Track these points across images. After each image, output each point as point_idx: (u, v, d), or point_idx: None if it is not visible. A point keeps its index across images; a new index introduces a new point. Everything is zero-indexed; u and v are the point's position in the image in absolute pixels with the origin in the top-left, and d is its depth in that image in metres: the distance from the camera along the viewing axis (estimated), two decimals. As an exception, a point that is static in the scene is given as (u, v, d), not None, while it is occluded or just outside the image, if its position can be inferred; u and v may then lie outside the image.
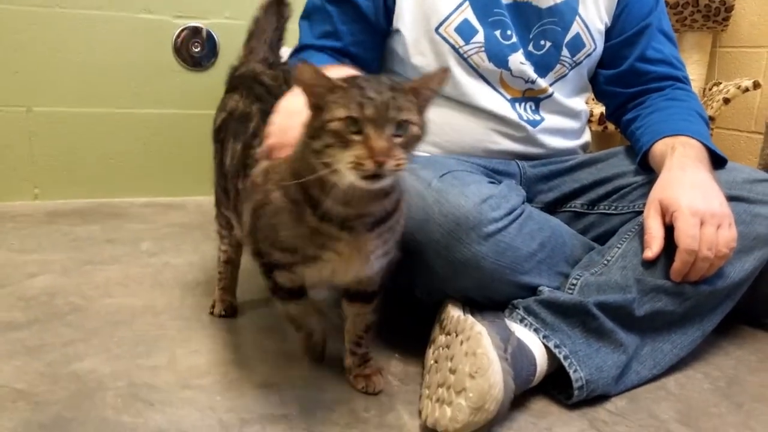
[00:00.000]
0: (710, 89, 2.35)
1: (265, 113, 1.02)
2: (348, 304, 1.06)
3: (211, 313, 1.33)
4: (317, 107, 0.80)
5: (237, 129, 1.11)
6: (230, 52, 2.41)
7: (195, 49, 2.38)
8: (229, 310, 1.33)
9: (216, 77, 0.97)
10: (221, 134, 1.18)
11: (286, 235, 0.89)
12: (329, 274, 0.94)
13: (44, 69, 2.23)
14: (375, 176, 0.75)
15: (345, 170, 0.76)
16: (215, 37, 2.41)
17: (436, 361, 0.99)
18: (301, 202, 0.85)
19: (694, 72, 2.42)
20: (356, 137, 0.76)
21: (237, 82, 1.23)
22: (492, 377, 0.84)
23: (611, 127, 2.17)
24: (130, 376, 1.08)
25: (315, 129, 0.79)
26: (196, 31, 2.38)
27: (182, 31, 2.36)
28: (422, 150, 1.33)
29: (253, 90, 1.16)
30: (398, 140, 0.77)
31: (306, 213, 0.86)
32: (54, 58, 2.23)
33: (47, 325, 1.27)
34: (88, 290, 1.46)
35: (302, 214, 0.86)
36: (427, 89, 0.84)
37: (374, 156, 0.74)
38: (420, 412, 0.95)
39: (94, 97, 2.31)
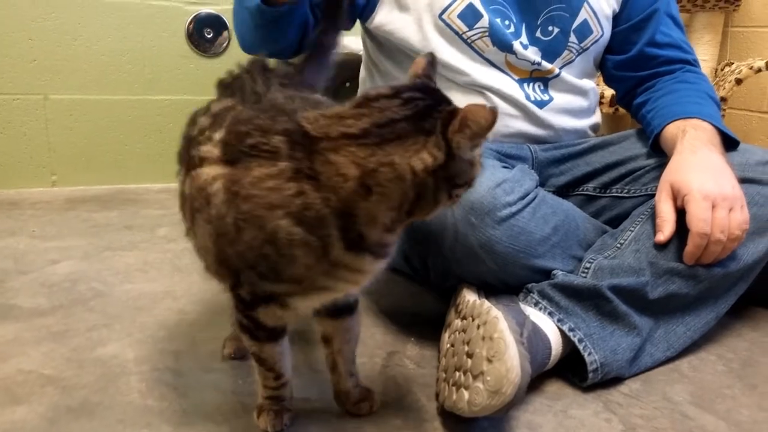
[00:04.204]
0: (722, 69, 2.33)
1: (223, 83, 0.92)
2: (332, 321, 0.92)
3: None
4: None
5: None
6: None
7: (207, 36, 2.39)
8: (240, 351, 1.11)
9: (228, 63, 0.97)
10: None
11: (295, 270, 0.74)
12: (327, 301, 0.86)
13: (60, 57, 2.25)
14: None
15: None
16: (227, 23, 2.41)
17: (452, 345, 1.01)
18: (332, 235, 0.72)
19: (706, 52, 2.40)
20: None
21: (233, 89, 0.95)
22: (509, 361, 0.86)
23: (622, 109, 2.16)
24: (154, 361, 1.10)
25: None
26: (208, 17, 2.39)
27: (195, 17, 2.37)
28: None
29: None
30: None
31: (335, 246, 0.72)
32: (70, 47, 2.25)
33: (71, 310, 1.30)
34: (109, 276, 1.49)
35: (328, 248, 0.72)
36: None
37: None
38: (437, 396, 0.97)
39: (109, 84, 2.33)
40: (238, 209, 0.72)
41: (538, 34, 1.33)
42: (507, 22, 1.30)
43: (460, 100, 1.33)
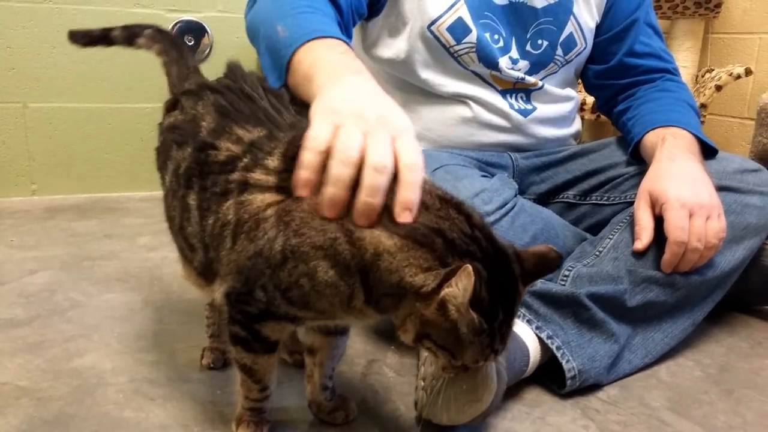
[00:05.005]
0: (703, 76, 2.36)
1: (222, 107, 0.86)
2: (322, 336, 0.92)
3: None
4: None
5: (182, 135, 0.88)
6: (224, 44, 2.44)
7: (189, 43, 2.38)
8: (218, 362, 1.11)
9: (210, 70, 0.96)
10: (160, 160, 0.97)
11: (322, 304, 0.75)
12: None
13: (39, 65, 2.24)
14: None
15: None
16: (208, 29, 2.41)
17: (417, 350, 1.01)
18: (357, 287, 0.73)
19: (687, 59, 2.43)
20: None
21: (175, 101, 0.98)
22: (485, 369, 0.86)
23: (604, 116, 2.19)
24: (131, 372, 1.09)
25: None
26: (189, 24, 2.39)
27: (176, 24, 2.37)
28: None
29: (200, 89, 0.93)
30: None
31: (357, 297, 0.73)
32: (49, 55, 2.24)
33: (48, 321, 1.28)
34: (88, 286, 1.48)
35: (353, 297, 0.73)
36: None
37: None
38: (415, 404, 0.97)
39: (89, 92, 2.32)
40: (288, 240, 0.72)
41: (528, 47, 1.34)
42: (496, 37, 1.31)
43: (442, 110, 1.35)
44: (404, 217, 0.69)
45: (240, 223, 0.76)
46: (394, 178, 0.70)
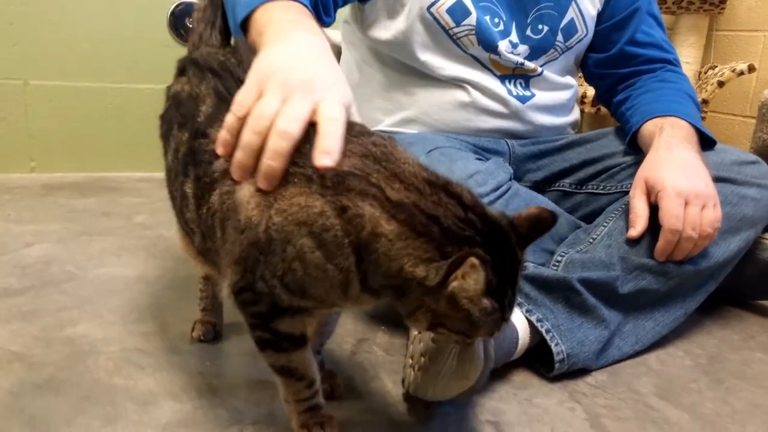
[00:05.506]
0: (705, 72, 2.36)
1: (221, 93, 0.86)
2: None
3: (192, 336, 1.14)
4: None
5: (183, 114, 0.88)
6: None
7: (189, 25, 2.38)
8: (209, 335, 1.12)
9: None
10: (164, 128, 0.96)
11: (316, 289, 0.74)
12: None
13: (42, 42, 2.24)
14: None
15: None
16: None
17: (419, 332, 1.01)
18: (351, 272, 0.71)
19: (690, 55, 2.42)
20: None
21: (186, 65, 0.97)
22: (473, 347, 0.86)
23: (604, 109, 2.19)
24: (123, 341, 1.10)
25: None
26: (190, 6, 2.38)
27: (177, 6, 2.37)
28: (411, 128, 1.35)
29: (205, 69, 0.92)
30: None
31: (353, 284, 0.72)
32: (51, 32, 2.24)
33: (42, 291, 1.29)
34: (83, 260, 1.48)
35: (348, 284, 0.72)
36: None
37: None
38: (403, 381, 0.97)
39: (90, 71, 2.32)
40: (271, 220, 0.71)
41: (528, 32, 1.34)
42: (496, 20, 1.30)
43: (440, 94, 1.34)
44: (323, 160, 0.70)
45: (224, 210, 0.76)
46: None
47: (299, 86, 0.74)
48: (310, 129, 0.73)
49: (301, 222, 0.70)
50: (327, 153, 0.70)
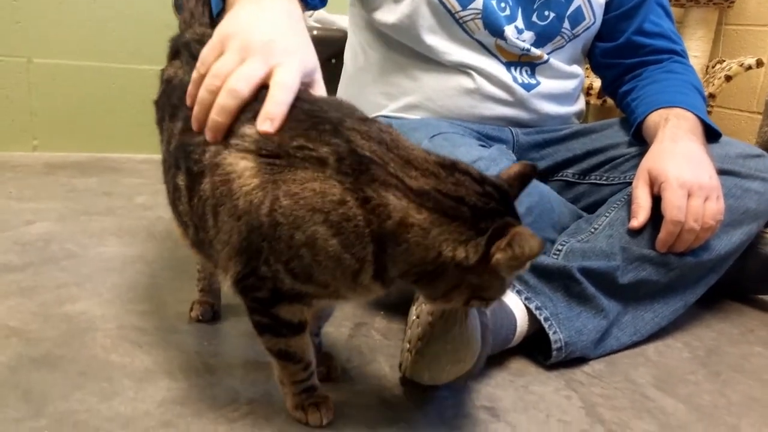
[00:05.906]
0: (713, 66, 2.35)
1: None
2: None
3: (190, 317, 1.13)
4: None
5: (174, 105, 0.87)
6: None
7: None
8: (207, 315, 1.12)
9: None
10: (158, 114, 0.96)
11: (325, 277, 0.73)
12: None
13: (45, 21, 2.23)
14: None
15: None
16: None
17: (417, 317, 1.01)
18: (367, 261, 0.71)
19: (698, 48, 2.41)
20: None
21: (180, 47, 0.96)
22: (469, 330, 0.86)
23: (610, 101, 2.18)
24: (120, 319, 1.10)
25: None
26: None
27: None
28: (415, 113, 1.34)
29: (197, 56, 0.84)
30: None
31: (366, 272, 0.72)
32: (55, 10, 2.23)
33: (42, 268, 1.29)
34: (83, 238, 1.48)
35: (360, 272, 0.72)
36: None
37: None
38: (400, 365, 0.97)
39: (94, 51, 2.31)
40: (278, 202, 0.70)
41: (534, 18, 1.33)
42: (503, 5, 1.29)
43: (445, 79, 1.34)
44: (264, 126, 0.72)
45: (217, 196, 0.75)
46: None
47: (259, 48, 0.76)
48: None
49: (316, 209, 0.69)
50: (269, 119, 0.72)
